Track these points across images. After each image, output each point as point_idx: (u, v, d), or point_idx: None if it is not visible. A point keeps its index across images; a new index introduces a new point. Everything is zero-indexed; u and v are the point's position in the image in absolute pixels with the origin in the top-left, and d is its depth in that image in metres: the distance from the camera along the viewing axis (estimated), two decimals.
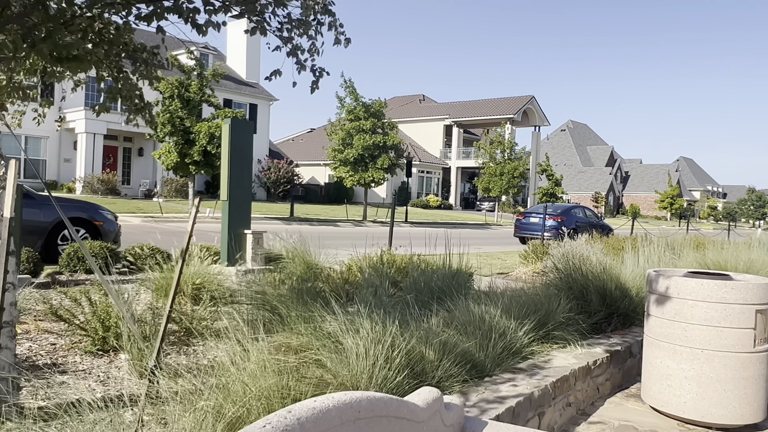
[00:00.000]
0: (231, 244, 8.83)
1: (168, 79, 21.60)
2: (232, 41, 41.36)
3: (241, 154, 8.91)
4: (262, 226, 22.86)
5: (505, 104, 51.53)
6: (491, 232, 29.14)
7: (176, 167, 21.49)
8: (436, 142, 53.94)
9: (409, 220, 31.43)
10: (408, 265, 8.20)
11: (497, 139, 35.53)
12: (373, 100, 27.94)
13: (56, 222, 9.19)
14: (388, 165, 26.96)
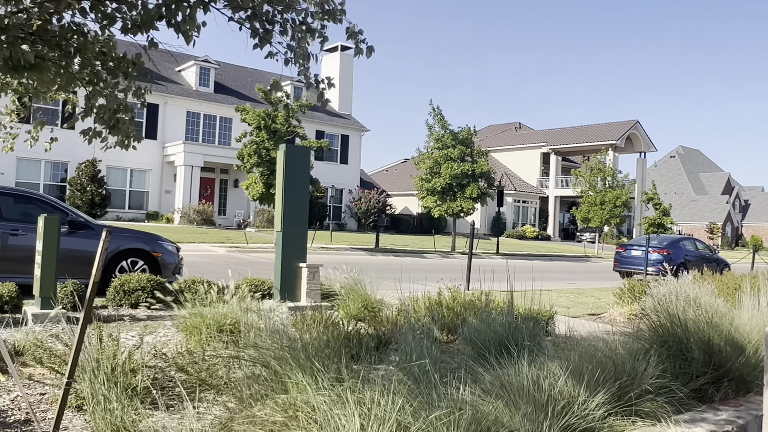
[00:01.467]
0: (284, 279, 8.20)
1: (255, 111, 21.87)
2: (326, 74, 42.04)
3: (297, 183, 8.31)
4: (346, 256, 22.47)
5: (606, 130, 48.90)
6: (590, 265, 27.13)
7: (262, 197, 21.56)
8: (532, 171, 52.00)
9: (502, 251, 29.99)
10: (473, 306, 7.17)
11: (597, 166, 33.42)
12: (462, 128, 27.06)
13: (115, 252, 8.98)
14: (477, 194, 25.85)
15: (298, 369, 3.39)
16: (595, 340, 5.50)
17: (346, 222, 38.67)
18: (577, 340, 5.71)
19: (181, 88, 33.73)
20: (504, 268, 22.84)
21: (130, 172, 31.23)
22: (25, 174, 28.39)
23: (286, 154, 8.19)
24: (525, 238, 45.30)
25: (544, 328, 7.55)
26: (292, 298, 8.20)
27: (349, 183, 39.09)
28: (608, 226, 37.78)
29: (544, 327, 7.59)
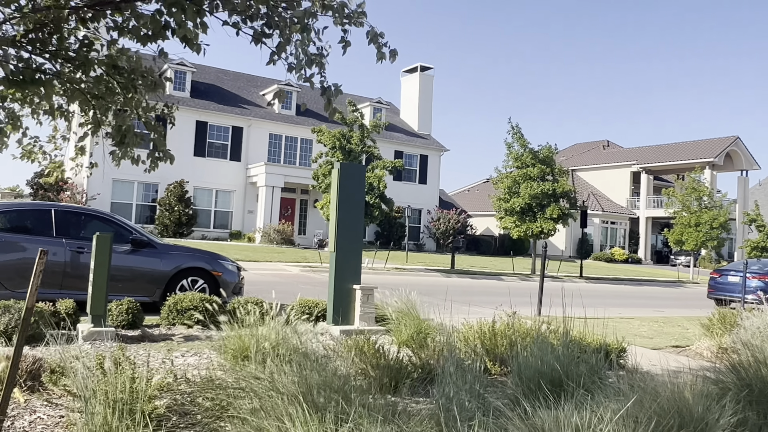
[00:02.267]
0: (337, 301, 7.94)
1: (331, 132, 22.05)
2: (406, 95, 42.17)
3: (351, 202, 8.07)
4: (420, 278, 22.08)
5: (702, 147, 46.00)
6: (683, 291, 25.29)
7: None
8: (622, 191, 49.65)
9: (586, 275, 28.58)
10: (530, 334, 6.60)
11: (691, 185, 31.33)
12: (542, 146, 26.13)
13: (177, 270, 9.07)
14: (558, 215, 24.78)
15: (297, 404, 3.07)
16: (671, 376, 4.85)
17: (424, 242, 38.27)
18: (649, 377, 5.06)
19: (263, 111, 34.77)
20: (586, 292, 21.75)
21: (215, 192, 32.37)
22: (119, 195, 30.03)
23: (340, 173, 7.99)
24: (613, 261, 43.12)
25: (614, 361, 6.85)
26: (344, 321, 7.93)
27: (427, 203, 38.75)
28: (705, 249, 35.24)
29: (614, 360, 6.89)
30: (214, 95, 34.15)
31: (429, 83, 41.36)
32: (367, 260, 23.00)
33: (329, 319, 7.97)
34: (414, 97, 41.13)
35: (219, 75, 37.30)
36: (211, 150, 32.37)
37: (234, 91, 35.84)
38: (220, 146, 32.62)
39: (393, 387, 5.19)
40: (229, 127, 32.86)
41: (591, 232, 46.59)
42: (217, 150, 32.54)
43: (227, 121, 32.82)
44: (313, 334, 6.30)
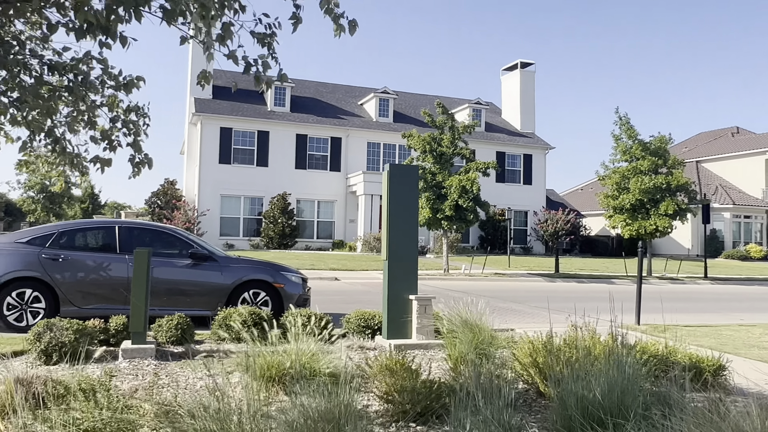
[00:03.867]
0: (391, 313, 7.38)
1: (420, 136, 21.54)
2: (506, 93, 40.79)
3: (404, 206, 7.49)
4: (520, 283, 20.92)
5: None
6: None
7: (429, 223, 21.01)
8: (756, 181, 44.85)
9: (713, 275, 25.86)
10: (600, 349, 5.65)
11: None
12: (654, 137, 23.99)
13: (239, 283, 8.93)
14: (674, 210, 22.54)
15: None
16: None
17: (532, 246, 36.63)
18: (753, 399, 4.04)
19: (361, 120, 34.95)
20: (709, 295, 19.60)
21: (317, 203, 32.90)
22: (227, 210, 31.32)
23: (390, 175, 7.44)
24: (749, 259, 38.95)
25: (709, 380, 5.73)
26: (400, 335, 7.34)
27: (533, 204, 37.09)
28: None
29: (709, 379, 5.77)
30: (313, 108, 34.82)
31: (530, 80, 39.72)
32: (464, 266, 22.18)
33: (384, 333, 7.42)
34: (515, 96, 39.68)
35: (318, 88, 38.04)
36: (311, 162, 32.98)
37: (332, 103, 36.37)
38: (320, 158, 33.14)
39: (419, 414, 4.55)
40: (328, 138, 33.32)
41: (721, 227, 42.46)
42: (318, 161, 33.09)
43: (326, 133, 33.30)
44: (347, 350, 5.78)
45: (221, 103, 32.49)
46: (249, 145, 31.82)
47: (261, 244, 30.61)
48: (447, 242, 21.98)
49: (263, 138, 31.98)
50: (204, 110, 31.23)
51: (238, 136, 31.65)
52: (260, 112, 32.78)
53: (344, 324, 8.01)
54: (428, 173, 20.99)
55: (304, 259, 24.70)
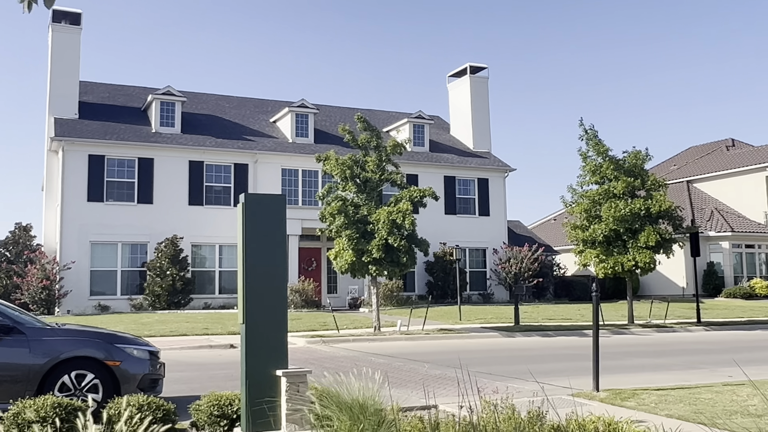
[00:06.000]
0: (252, 395, 6.73)
1: (339, 159, 21.15)
2: (455, 105, 41.17)
3: (266, 249, 6.94)
4: (471, 340, 20.53)
5: None
6: None
7: (353, 269, 20.46)
8: (757, 203, 46.38)
9: (708, 319, 26.16)
10: None
11: None
12: (628, 153, 24.34)
13: (55, 362, 8.13)
14: (655, 241, 22.73)
15: None
16: None
17: (492, 291, 36.51)
18: None
19: (274, 142, 34.47)
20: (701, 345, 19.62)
21: (218, 248, 31.99)
22: (100, 261, 30.03)
23: (246, 208, 6.88)
24: (754, 297, 39.95)
25: None
26: (265, 426, 6.68)
27: (493, 240, 37.12)
28: None
29: None
30: (212, 127, 34.16)
31: (483, 87, 40.23)
32: (400, 321, 21.67)
33: (243, 424, 6.76)
34: (465, 107, 40.07)
35: (218, 102, 37.48)
36: (210, 196, 32.15)
37: (237, 121, 35.81)
38: (221, 190, 32.37)
39: None
40: (231, 165, 32.62)
41: (720, 260, 43.55)
42: (218, 195, 32.30)
43: (228, 158, 32.61)
44: None
45: (90, 124, 31.44)
46: (128, 176, 30.79)
47: (145, 303, 29.38)
48: (377, 292, 21.49)
49: (146, 167, 31.03)
50: (67, 133, 30.13)
51: (113, 166, 30.59)
52: (142, 134, 31.88)
53: (193, 413, 7.32)
54: (350, 205, 20.56)
55: (197, 321, 23.73)
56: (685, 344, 19.39)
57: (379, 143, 21.37)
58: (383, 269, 20.43)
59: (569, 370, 13.10)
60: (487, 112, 40.23)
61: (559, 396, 9.76)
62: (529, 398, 7.26)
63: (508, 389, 8.90)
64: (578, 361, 13.88)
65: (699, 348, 18.25)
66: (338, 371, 7.11)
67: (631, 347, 18.60)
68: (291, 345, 18.35)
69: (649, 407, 8.94)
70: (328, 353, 17.01)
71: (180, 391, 10.44)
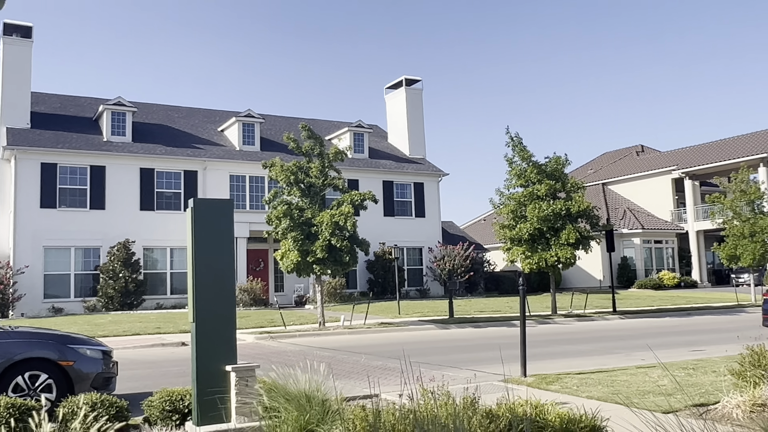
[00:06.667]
0: (202, 390, 6.59)
1: (285, 165, 20.96)
2: (392, 115, 41.31)
3: (215, 251, 6.81)
4: (409, 333, 20.60)
5: (752, 141, 44.46)
6: (741, 318, 23.56)
7: (298, 268, 20.31)
8: (664, 203, 48.00)
9: (623, 308, 26.92)
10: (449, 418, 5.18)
11: (738, 187, 29.72)
12: (549, 158, 24.82)
13: (8, 365, 7.80)
14: (575, 239, 23.26)
15: None
16: None
17: (428, 287, 36.76)
18: None
19: (222, 150, 33.95)
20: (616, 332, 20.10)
21: (170, 251, 31.29)
22: (54, 265, 29.03)
23: (195, 213, 6.74)
24: (662, 287, 41.26)
25: None
26: (215, 419, 6.55)
27: (428, 239, 37.38)
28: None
29: None
30: (162, 136, 33.44)
31: (418, 98, 40.50)
32: (343, 317, 21.61)
33: (194, 417, 6.61)
34: (401, 117, 40.26)
35: (168, 113, 36.71)
36: (161, 201, 31.44)
37: (186, 130, 35.15)
38: (172, 195, 31.69)
39: None
40: (181, 172, 31.97)
41: (632, 254, 44.85)
42: (169, 200, 31.60)
43: (178, 165, 31.96)
44: None
45: (42, 133, 30.39)
46: (80, 183, 29.85)
47: (98, 305, 28.53)
48: (321, 290, 21.37)
49: (98, 175, 30.15)
50: (19, 142, 29.03)
51: (66, 174, 29.61)
52: (94, 143, 30.96)
53: (145, 409, 7.13)
54: (295, 209, 20.39)
55: (150, 321, 23.17)
56: (603, 331, 19.88)
57: (322, 151, 21.26)
58: (327, 268, 20.33)
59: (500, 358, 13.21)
60: (421, 121, 40.51)
61: (491, 382, 9.89)
62: (464, 385, 7.32)
63: (444, 377, 8.97)
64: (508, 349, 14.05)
65: (615, 335, 18.73)
66: (286, 365, 7.05)
67: (555, 335, 18.98)
68: (240, 341, 18.18)
69: (572, 390, 9.12)
70: (276, 348, 16.83)
71: (133, 389, 10.17)
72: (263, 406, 6.62)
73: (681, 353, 13.31)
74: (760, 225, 28.47)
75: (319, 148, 21.17)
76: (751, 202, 29.37)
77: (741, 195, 29.53)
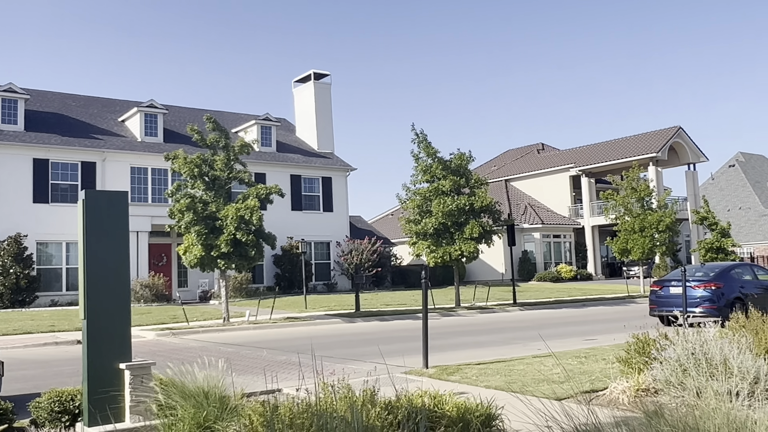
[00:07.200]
0: (93, 390, 6.32)
1: (187, 157, 20.39)
2: (300, 108, 40.98)
3: (107, 244, 6.51)
4: (316, 327, 20.53)
5: (643, 141, 46.91)
6: (631, 308, 24.81)
7: (202, 263, 19.83)
8: (562, 199, 49.92)
9: (523, 300, 27.81)
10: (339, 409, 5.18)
11: (630, 185, 31.30)
12: (454, 154, 25.30)
13: None
14: (479, 233, 23.83)
15: None
16: None
17: (336, 281, 36.75)
18: None
19: (123, 141, 32.67)
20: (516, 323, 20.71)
21: (65, 246, 29.84)
22: None
23: (86, 206, 6.43)
24: (561, 280, 42.93)
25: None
26: (106, 419, 6.29)
27: (336, 234, 37.36)
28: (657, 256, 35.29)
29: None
30: (58, 126, 31.83)
31: (326, 93, 40.34)
32: (248, 312, 21.29)
33: (85, 419, 6.33)
34: (310, 111, 39.99)
35: (64, 101, 34.97)
36: (56, 193, 29.93)
37: (85, 120, 33.60)
38: (68, 188, 30.21)
39: None
40: (78, 164, 30.53)
41: (533, 248, 46.38)
42: (64, 193, 30.11)
43: (75, 156, 30.51)
44: None
45: None
46: None
47: None
48: (226, 285, 20.94)
49: None
50: None
51: None
52: None
53: (32, 411, 6.77)
54: (199, 202, 19.89)
55: (43, 318, 22.06)
56: (503, 323, 20.47)
57: (228, 143, 20.83)
58: (232, 263, 19.96)
59: (403, 350, 13.41)
60: (330, 115, 40.38)
61: (393, 374, 9.95)
62: (365, 378, 7.36)
63: (344, 370, 8.99)
64: (412, 341, 14.25)
65: (514, 326, 19.31)
66: (187, 362, 6.87)
67: (458, 327, 19.39)
68: (141, 338, 17.63)
69: (471, 380, 9.33)
70: (178, 345, 16.38)
71: (22, 390, 9.66)
72: (159, 404, 6.42)
73: (575, 342, 13.88)
74: (648, 221, 30.08)
75: (224, 141, 20.71)
76: (641, 199, 30.99)
77: (632, 192, 31.10)
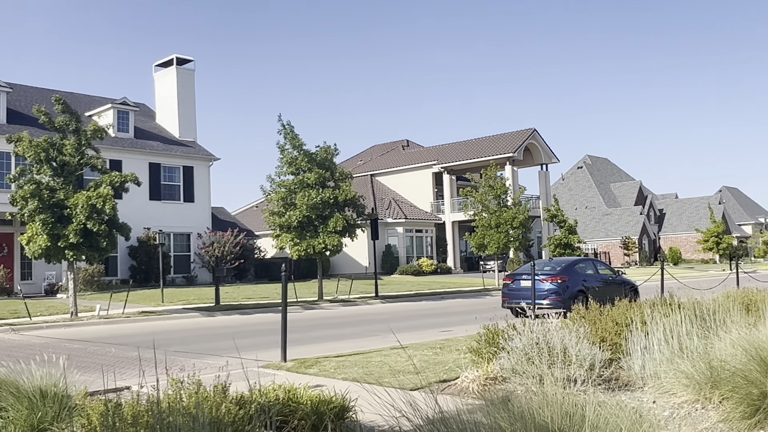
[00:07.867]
0: None
1: (32, 140, 18.93)
2: (161, 94, 39.28)
3: None
4: (172, 321, 19.77)
5: (501, 142, 49.12)
6: (486, 301, 25.90)
7: (48, 254, 18.49)
8: (425, 195, 51.25)
9: (385, 293, 28.24)
10: None
11: (487, 183, 32.66)
12: (320, 147, 25.22)
13: None
14: (342, 226, 23.93)
15: None
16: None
17: (196, 274, 35.62)
18: None
19: None
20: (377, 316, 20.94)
21: None
22: None
23: None
24: (422, 273, 44.07)
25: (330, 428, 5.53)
26: None
27: (198, 225, 36.19)
28: (514, 251, 37.12)
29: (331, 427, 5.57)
30: None
31: (189, 79, 38.93)
32: (99, 306, 20.16)
33: None
34: (172, 97, 38.43)
35: None
36: None
37: None
38: None
39: None
40: None
41: (396, 243, 47.29)
42: None
43: None
44: None
45: None
46: None
47: None
48: (75, 277, 19.71)
49: None
50: None
51: None
52: None
53: None
54: (45, 189, 18.52)
55: None
56: (365, 315, 20.69)
57: (79, 127, 19.53)
58: (81, 254, 18.76)
59: (263, 344, 13.21)
60: (193, 102, 39.01)
61: (249, 369, 9.75)
62: (217, 373, 7.14)
63: (196, 366, 8.66)
64: (272, 335, 14.04)
65: (375, 318, 19.57)
66: (26, 359, 6.37)
67: (320, 320, 19.38)
68: None
69: (329, 372, 9.33)
70: (18, 342, 15.20)
71: None
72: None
73: (432, 334, 14.25)
74: (504, 217, 31.51)
75: (75, 124, 19.40)
76: (497, 197, 32.40)
77: (489, 190, 32.46)
